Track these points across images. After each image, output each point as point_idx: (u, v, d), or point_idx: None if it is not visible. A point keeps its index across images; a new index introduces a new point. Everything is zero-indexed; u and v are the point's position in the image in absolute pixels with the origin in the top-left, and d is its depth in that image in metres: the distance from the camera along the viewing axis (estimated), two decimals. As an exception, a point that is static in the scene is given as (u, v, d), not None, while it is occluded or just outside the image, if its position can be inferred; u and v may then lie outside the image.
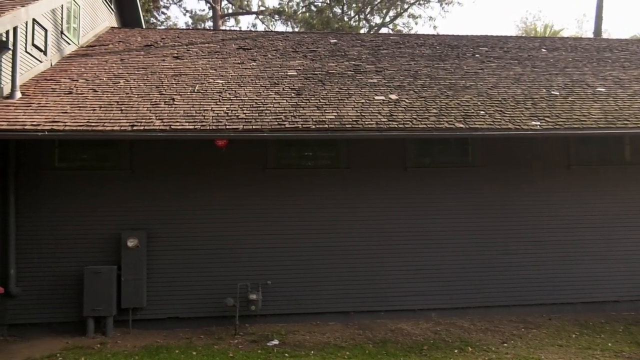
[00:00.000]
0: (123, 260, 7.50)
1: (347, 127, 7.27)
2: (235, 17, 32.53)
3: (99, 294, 7.26)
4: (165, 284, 7.71)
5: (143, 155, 7.91)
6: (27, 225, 7.55)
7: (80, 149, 7.93)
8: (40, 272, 7.51)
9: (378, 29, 29.86)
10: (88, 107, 7.50)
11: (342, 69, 10.01)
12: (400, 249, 8.18)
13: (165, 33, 12.90)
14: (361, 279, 8.05)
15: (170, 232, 7.81)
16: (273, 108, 7.80)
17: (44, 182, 7.67)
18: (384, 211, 8.25)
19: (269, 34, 13.24)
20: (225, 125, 7.13)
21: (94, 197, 7.74)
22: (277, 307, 7.83)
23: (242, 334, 7.23)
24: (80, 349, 6.58)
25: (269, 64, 10.21)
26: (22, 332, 7.33)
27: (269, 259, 7.93)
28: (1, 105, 7.34)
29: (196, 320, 7.68)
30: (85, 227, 7.66)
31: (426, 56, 11.26)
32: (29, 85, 8.20)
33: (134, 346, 6.74)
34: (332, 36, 13.18)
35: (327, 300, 7.95)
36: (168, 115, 7.36)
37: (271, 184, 8.10)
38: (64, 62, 9.61)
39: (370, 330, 7.41)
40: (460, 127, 7.48)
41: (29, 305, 7.43)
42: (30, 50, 8.46)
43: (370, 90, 8.79)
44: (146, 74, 9.16)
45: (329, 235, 8.09)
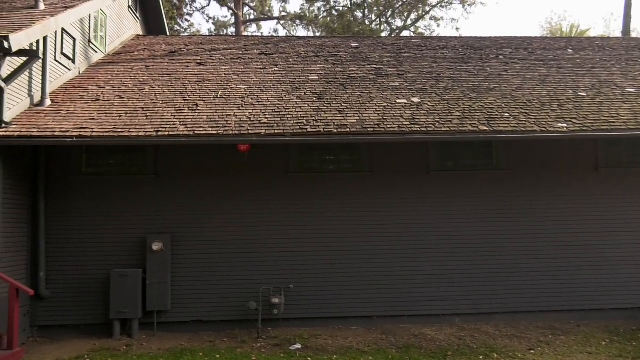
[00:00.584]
0: (148, 264, 7.62)
1: (368, 130, 7.25)
2: (257, 23, 32.87)
3: (125, 296, 7.39)
4: (189, 287, 7.80)
5: (167, 160, 8.03)
6: (56, 229, 7.74)
7: (107, 155, 8.10)
8: (69, 275, 7.69)
9: (399, 32, 29.75)
10: (114, 113, 7.67)
11: (364, 73, 10.00)
12: (423, 253, 8.10)
13: (188, 40, 13.11)
14: (384, 283, 8.00)
15: (193, 236, 7.90)
16: (295, 112, 7.84)
17: (72, 187, 7.86)
18: (407, 215, 8.19)
19: (290, 39, 13.32)
20: (247, 130, 7.20)
21: (120, 201, 7.89)
22: (299, 311, 7.84)
23: (265, 338, 7.26)
24: (107, 351, 6.70)
25: (291, 68, 10.28)
26: (51, 333, 7.51)
27: (291, 263, 7.95)
28: (32, 112, 7.57)
29: (219, 323, 7.74)
30: (112, 231, 7.82)
31: (449, 59, 11.16)
32: (58, 92, 8.43)
33: (158, 348, 6.83)
34: (354, 40, 13.19)
35: (349, 304, 7.92)
36: (192, 120, 7.46)
37: (293, 188, 8.13)
38: (91, 69, 9.85)
39: (393, 335, 7.35)
40: (484, 129, 7.38)
41: (57, 308, 7.61)
42: (59, 59, 8.70)
43: (392, 94, 8.76)
44: (170, 80, 9.32)
45: (351, 239, 8.07)
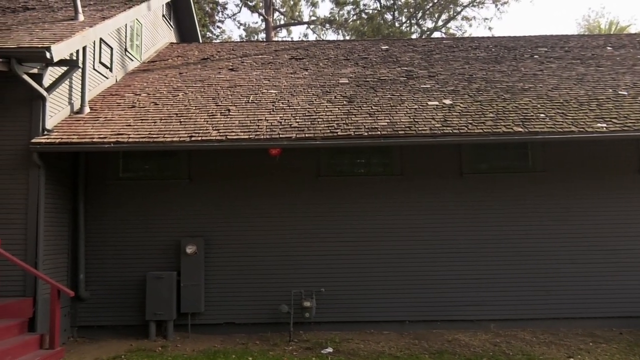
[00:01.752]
0: (182, 266, 7.77)
1: (399, 133, 7.19)
2: (287, 28, 33.17)
3: (160, 298, 7.55)
4: (221, 290, 7.90)
5: (200, 165, 8.18)
6: (95, 233, 7.99)
7: (143, 160, 8.31)
8: (107, 277, 7.91)
9: (430, 34, 29.43)
10: (150, 119, 7.87)
11: (394, 75, 9.94)
12: (456, 257, 7.97)
13: (220, 46, 13.34)
14: (416, 288, 7.90)
15: (226, 239, 8.01)
16: (325, 116, 7.86)
17: (110, 192, 8.10)
18: (439, 218, 8.07)
19: (320, 43, 13.37)
20: (278, 134, 7.25)
21: (155, 205, 8.08)
22: (330, 314, 7.83)
23: (297, 341, 7.27)
24: (143, 351, 6.86)
25: (321, 72, 10.31)
26: (90, 333, 7.75)
27: (322, 266, 7.95)
28: (72, 119, 7.84)
29: (251, 326, 7.81)
30: (147, 234, 8.01)
31: (481, 59, 10.97)
32: (96, 100, 8.71)
33: (192, 350, 6.94)
34: (384, 42, 13.13)
35: (381, 308, 7.86)
36: (224, 125, 7.58)
37: (324, 192, 8.14)
38: (127, 77, 10.14)
39: (426, 340, 7.24)
40: (519, 131, 7.21)
41: (96, 309, 7.84)
42: (97, 68, 9.00)
43: (423, 96, 8.67)
44: (203, 86, 9.50)
45: (383, 242, 8.01)
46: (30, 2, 10.39)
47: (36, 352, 6.23)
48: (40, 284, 6.88)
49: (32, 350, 6.24)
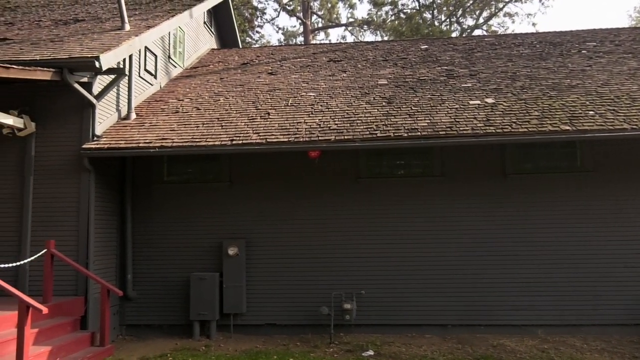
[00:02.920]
0: (224, 268, 7.91)
1: (440, 134, 7.07)
2: (325, 31, 33.28)
3: (204, 299, 7.72)
4: (262, 291, 8.00)
5: (241, 168, 8.32)
6: (141, 234, 8.27)
7: (186, 163, 8.54)
8: (153, 278, 8.17)
9: (471, 32, 28.82)
10: (192, 124, 8.07)
11: (434, 75, 9.79)
12: (501, 260, 7.75)
13: (260, 51, 13.54)
14: (459, 291, 7.74)
15: (266, 241, 8.10)
16: (364, 118, 7.83)
17: (155, 195, 8.36)
18: (482, 220, 7.88)
19: (358, 45, 13.34)
20: (317, 136, 7.28)
21: (197, 208, 8.27)
22: (371, 317, 7.78)
23: (337, 343, 7.27)
24: (188, 351, 7.03)
25: (360, 74, 10.28)
26: (138, 332, 8.01)
27: (362, 269, 7.91)
28: (119, 125, 8.15)
29: (292, 327, 7.86)
30: (190, 236, 8.21)
31: (525, 56, 10.65)
32: (142, 106, 9.02)
33: (235, 350, 7.05)
34: (423, 42, 12.96)
35: (423, 311, 7.74)
36: (264, 128, 7.68)
37: (363, 194, 8.11)
38: (171, 83, 10.45)
39: (469, 345, 7.08)
40: (566, 129, 6.94)
41: (143, 308, 8.10)
42: (143, 75, 9.32)
43: (465, 95, 8.49)
44: (243, 91, 9.66)
45: (424, 244, 7.89)
46: (80, 14, 10.88)
47: (88, 349, 6.50)
48: (91, 284, 7.18)
49: (84, 347, 6.52)
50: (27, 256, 7.06)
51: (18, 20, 10.54)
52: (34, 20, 10.44)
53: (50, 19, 10.50)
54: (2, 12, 11.56)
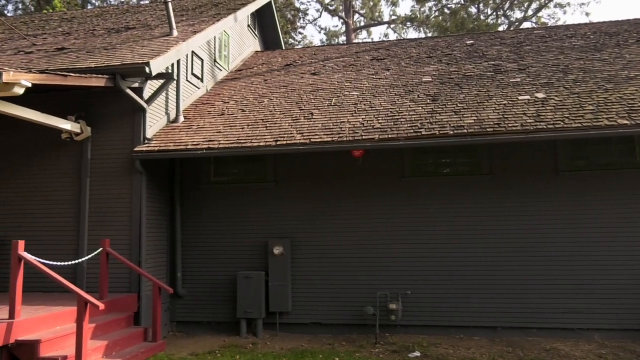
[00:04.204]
0: (270, 267, 8.02)
1: (487, 130, 6.87)
2: (367, 29, 33.13)
3: (250, 297, 7.86)
4: (307, 290, 8.05)
5: (285, 168, 8.40)
6: (189, 234, 8.51)
7: (232, 164, 8.71)
8: (201, 276, 8.39)
9: (519, 25, 27.86)
10: (238, 125, 8.23)
11: (481, 71, 9.53)
12: (554, 261, 7.45)
13: (302, 51, 13.63)
14: (510, 293, 7.50)
15: (311, 241, 8.15)
16: (408, 116, 7.73)
17: (202, 195, 8.58)
18: (534, 219, 7.60)
19: (401, 42, 13.18)
20: (361, 135, 7.25)
21: (243, 207, 8.43)
22: (417, 318, 7.67)
23: (383, 344, 7.21)
24: (235, 348, 7.17)
25: (403, 71, 10.16)
26: (187, 328, 8.26)
27: (408, 269, 7.82)
28: (168, 128, 8.42)
29: (337, 327, 7.87)
30: (236, 235, 8.37)
31: (578, 48, 10.19)
32: (189, 109, 9.28)
33: (281, 348, 7.13)
34: (468, 37, 12.65)
35: (471, 313, 7.56)
36: (307, 129, 7.72)
37: (408, 193, 8.00)
38: (217, 86, 10.70)
39: (521, 349, 6.84)
40: (624, 123, 6.58)
41: (192, 305, 8.33)
42: (190, 79, 9.59)
43: (513, 90, 8.22)
44: (287, 92, 9.76)
45: (472, 244, 7.70)
46: (131, 22, 11.33)
47: (141, 344, 6.75)
48: (144, 281, 7.45)
49: (138, 342, 6.77)
50: (84, 254, 7.41)
51: (74, 30, 11.10)
52: (88, 30, 10.96)
53: (104, 28, 10.99)
54: (60, 23, 12.21)
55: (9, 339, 5.25)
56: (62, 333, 5.70)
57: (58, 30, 11.35)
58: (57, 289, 6.78)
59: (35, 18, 13.64)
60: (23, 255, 5.51)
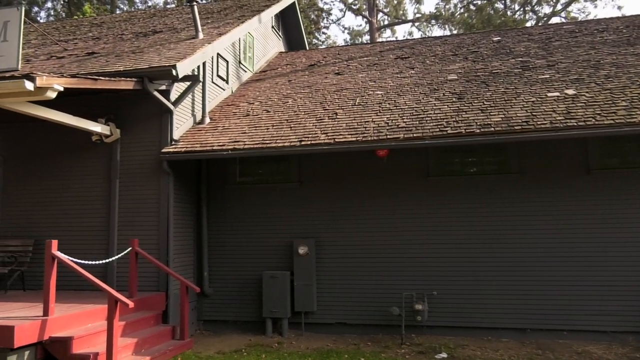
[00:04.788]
0: (295, 267, 8.05)
1: (515, 129, 6.74)
2: (391, 28, 32.94)
3: (275, 297, 7.90)
4: (332, 290, 8.04)
5: (310, 168, 8.42)
6: (215, 233, 8.61)
7: (257, 165, 8.78)
8: (227, 275, 8.48)
9: (547, 20, 27.24)
10: (262, 126, 8.29)
11: (508, 68, 9.36)
12: (586, 261, 7.26)
13: (326, 52, 13.63)
14: (539, 294, 7.34)
15: (336, 241, 8.14)
16: (434, 114, 7.64)
17: (228, 195, 8.67)
18: (564, 219, 7.41)
19: (426, 40, 13.04)
20: (386, 135, 7.21)
21: (268, 207, 8.48)
22: (444, 319, 7.58)
23: (409, 344, 7.15)
24: (261, 347, 7.22)
25: (428, 70, 10.06)
26: (214, 327, 8.36)
27: (434, 269, 7.73)
28: (194, 130, 8.55)
29: (362, 327, 7.84)
30: (261, 235, 8.43)
31: (610, 42, 9.89)
32: (215, 111, 9.40)
33: (306, 348, 7.15)
34: (495, 34, 12.44)
35: (499, 314, 7.42)
36: (332, 129, 7.72)
37: (433, 192, 7.92)
38: (242, 88, 10.80)
39: (551, 351, 6.69)
40: (659, 120, 6.35)
41: (218, 304, 8.43)
42: (215, 81, 9.71)
43: (542, 87, 8.04)
44: (311, 92, 9.78)
45: (499, 244, 7.57)
46: (158, 26, 11.54)
47: (169, 342, 6.88)
48: (172, 280, 7.58)
49: (166, 340, 6.90)
50: (114, 254, 7.59)
51: (103, 35, 11.37)
52: (117, 34, 11.22)
53: (132, 32, 11.23)
54: (90, 28, 12.53)
55: (44, 336, 5.42)
56: (93, 330, 5.84)
57: (88, 35, 11.65)
58: (89, 287, 6.96)
59: (67, 24, 14.04)
60: (56, 255, 5.68)
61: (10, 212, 8.32)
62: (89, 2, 27.45)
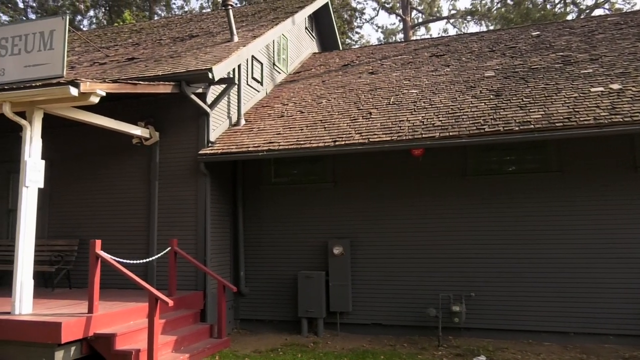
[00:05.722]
0: (330, 267, 8.05)
1: (557, 125, 6.52)
2: (425, 26, 32.49)
3: (311, 297, 7.93)
4: (367, 290, 8.00)
5: (344, 168, 8.41)
6: (251, 233, 8.72)
7: (292, 165, 8.84)
8: (262, 275, 8.57)
9: (590, 12, 26.25)
10: (297, 127, 8.33)
11: (548, 63, 9.07)
12: (634, 263, 6.95)
13: (360, 51, 13.58)
14: (584, 296, 7.07)
15: (371, 241, 8.09)
16: (470, 112, 7.49)
17: (263, 196, 8.76)
18: (608, 219, 7.12)
19: (462, 37, 12.80)
20: (421, 134, 7.12)
21: (302, 208, 8.52)
22: (482, 321, 7.42)
23: (446, 346, 7.03)
24: (297, 346, 7.26)
25: (464, 67, 9.87)
26: (250, 326, 8.46)
27: (471, 270, 7.58)
28: (230, 131, 8.68)
29: (398, 328, 7.77)
30: (296, 235, 8.48)
31: (657, 34, 9.44)
32: (250, 112, 9.52)
33: (342, 348, 7.14)
34: (534, 28, 12.07)
35: (540, 317, 7.20)
36: (366, 128, 7.69)
37: (471, 191, 7.76)
38: (276, 89, 10.89)
39: (596, 356, 6.43)
40: None
41: (255, 304, 8.53)
42: (250, 83, 9.84)
43: (585, 82, 7.75)
44: (345, 92, 9.76)
45: (540, 245, 7.34)
46: (194, 30, 11.79)
47: (207, 340, 7.01)
48: (209, 280, 7.73)
49: (204, 339, 7.03)
50: (154, 253, 7.80)
51: (143, 41, 11.71)
52: (155, 40, 11.53)
53: (169, 37, 11.51)
54: (130, 35, 12.93)
55: (89, 332, 5.62)
56: (135, 328, 6.02)
57: (128, 41, 12.03)
58: (130, 286, 7.18)
59: (108, 31, 14.54)
60: (100, 254, 5.88)
61: (57, 213, 8.67)
62: (128, 9, 28.34)
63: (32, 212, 5.89)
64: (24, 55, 8.79)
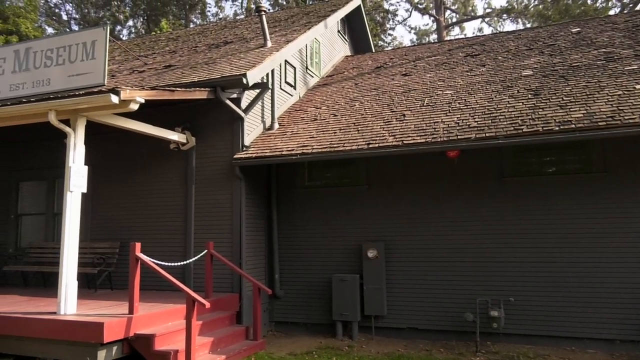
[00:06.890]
0: (364, 270, 8.01)
1: (599, 125, 6.29)
2: (459, 25, 31.98)
3: (345, 300, 7.91)
4: (402, 294, 7.91)
5: (378, 171, 8.35)
6: (286, 236, 8.77)
7: (325, 168, 8.85)
8: (297, 278, 8.60)
9: (634, 7, 25.21)
10: (330, 130, 8.35)
11: (589, 60, 8.76)
12: (683, 268, 6.61)
13: (392, 53, 13.49)
14: (631, 302, 6.77)
15: (405, 244, 8.00)
16: (507, 113, 7.31)
17: (297, 199, 8.81)
18: (657, 222, 6.80)
19: (497, 36, 12.52)
20: (456, 135, 7.00)
21: (336, 211, 8.51)
22: (522, 326, 7.21)
23: (484, 352, 6.87)
24: (332, 350, 7.25)
25: (500, 66, 9.65)
26: (284, 328, 8.51)
27: (510, 274, 7.38)
28: (264, 135, 8.77)
29: (434, 332, 7.64)
30: (330, 238, 8.47)
31: None
32: (283, 116, 9.60)
33: (377, 352, 7.08)
34: (574, 24, 11.69)
35: (583, 323, 6.94)
36: (400, 131, 7.62)
37: (509, 193, 7.56)
38: (309, 93, 10.95)
39: (645, 366, 6.15)
40: None
41: (289, 306, 8.57)
42: (283, 87, 9.92)
43: (629, 79, 7.45)
44: (378, 94, 9.71)
45: (583, 249, 7.08)
46: (229, 37, 12.00)
47: (243, 342, 7.09)
48: (244, 282, 7.82)
49: (240, 340, 7.11)
50: (191, 256, 7.95)
51: (179, 48, 12.00)
52: (191, 47, 11.79)
53: (205, 44, 11.76)
54: (167, 43, 13.28)
55: (129, 332, 5.78)
56: (173, 329, 6.15)
57: (165, 49, 12.35)
58: (169, 288, 7.34)
59: (146, 40, 14.98)
60: (140, 257, 6.05)
61: (99, 216, 8.97)
62: (165, 18, 29.13)
63: (76, 215, 6.12)
64: (67, 65, 9.16)
